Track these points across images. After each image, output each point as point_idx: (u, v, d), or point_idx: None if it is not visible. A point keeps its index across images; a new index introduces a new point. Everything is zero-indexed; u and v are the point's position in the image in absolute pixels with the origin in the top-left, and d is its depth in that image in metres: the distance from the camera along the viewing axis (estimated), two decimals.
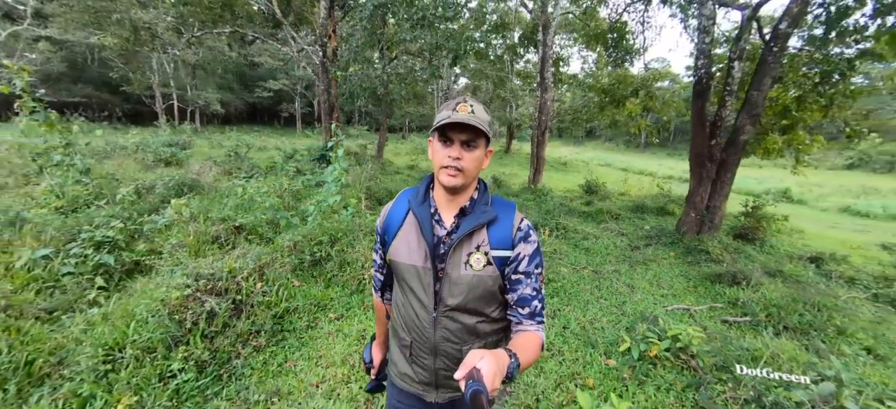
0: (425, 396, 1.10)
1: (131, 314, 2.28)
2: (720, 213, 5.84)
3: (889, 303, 4.30)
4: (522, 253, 0.97)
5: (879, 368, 2.76)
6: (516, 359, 0.79)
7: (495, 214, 0.97)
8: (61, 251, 2.95)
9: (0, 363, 1.91)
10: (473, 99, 0.93)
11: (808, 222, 11.39)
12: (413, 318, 1.04)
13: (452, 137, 0.90)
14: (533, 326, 0.96)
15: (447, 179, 0.91)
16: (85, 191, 3.84)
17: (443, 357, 1.04)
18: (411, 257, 1.00)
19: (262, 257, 3.02)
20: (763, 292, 3.97)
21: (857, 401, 1.94)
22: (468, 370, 0.68)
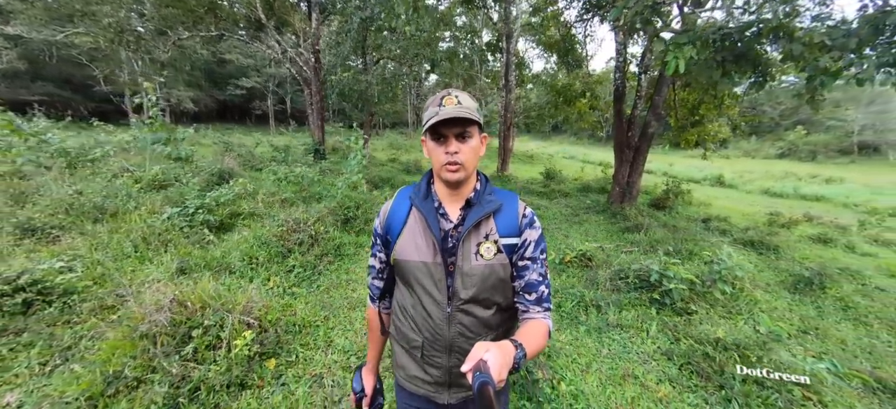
0: (437, 397, 1.09)
1: (254, 239, 3.84)
2: (636, 187, 7.93)
3: (738, 242, 6.46)
4: (528, 239, 0.99)
5: (698, 264, 4.74)
6: (522, 349, 0.80)
7: (501, 203, 0.99)
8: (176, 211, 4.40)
9: (197, 263, 3.44)
10: (457, 90, 0.96)
11: (729, 200, 14.00)
12: (425, 317, 1.03)
13: (445, 133, 0.92)
14: (540, 313, 0.98)
15: (449, 174, 0.93)
16: (162, 175, 5.18)
17: (457, 354, 1.03)
18: (420, 253, 1.00)
19: (315, 215, 4.60)
20: (651, 235, 5.98)
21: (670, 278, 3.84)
22: (475, 362, 0.69)
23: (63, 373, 2.19)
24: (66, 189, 4.35)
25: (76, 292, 2.81)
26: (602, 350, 2.95)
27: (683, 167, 24.39)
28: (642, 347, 3.02)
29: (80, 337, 2.48)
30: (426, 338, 1.04)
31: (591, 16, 8.92)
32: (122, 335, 2.24)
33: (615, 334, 3.18)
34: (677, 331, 3.19)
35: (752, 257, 6.01)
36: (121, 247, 3.54)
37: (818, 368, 2.51)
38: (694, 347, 2.92)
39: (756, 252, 6.26)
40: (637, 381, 2.60)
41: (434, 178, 1.04)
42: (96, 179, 5.17)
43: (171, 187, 5.15)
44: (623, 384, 2.57)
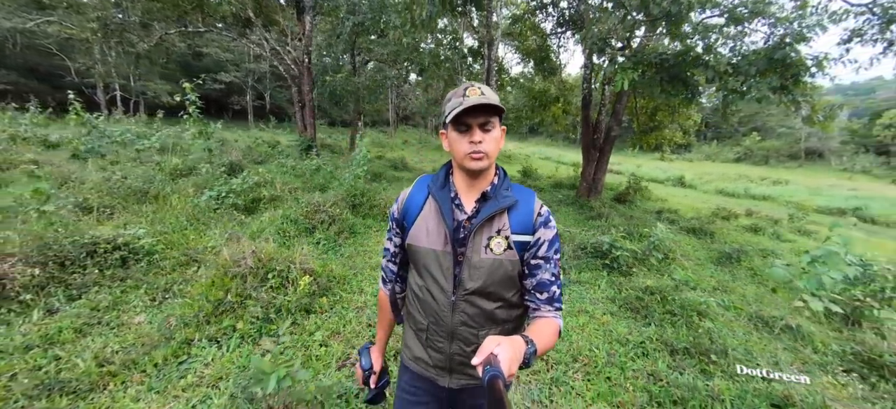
0: (438, 380, 1.15)
1: (283, 217, 4.66)
2: (601, 183, 9.15)
3: (683, 229, 7.75)
4: (542, 238, 1.00)
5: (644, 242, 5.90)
6: (533, 345, 0.82)
7: (516, 199, 1.01)
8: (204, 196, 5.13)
9: (242, 234, 4.23)
10: (479, 83, 1.02)
11: (686, 198, 15.61)
12: (430, 302, 1.08)
13: (470, 123, 0.94)
14: (551, 312, 0.99)
15: (473, 163, 0.95)
16: (182, 164, 5.84)
17: (459, 342, 1.07)
18: (430, 240, 1.04)
19: (331, 200, 5.44)
20: (611, 221, 7.14)
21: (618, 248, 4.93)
22: (485, 356, 0.70)
23: (171, 304, 2.99)
24: (111, 175, 4.98)
25: (155, 253, 3.57)
26: (566, 292, 3.98)
27: (649, 169, 26.30)
28: (594, 294, 4.08)
29: (172, 282, 3.27)
30: (430, 322, 1.09)
31: (563, 30, 10.09)
32: (213, 277, 3.07)
33: (575, 287, 4.24)
34: (621, 285, 4.28)
35: (692, 240, 7.28)
36: (178, 221, 4.28)
37: (710, 301, 3.64)
38: (630, 293, 4.01)
39: (696, 237, 7.55)
40: (588, 314, 3.64)
41: (453, 169, 1.07)
42: (127, 166, 5.78)
43: (191, 176, 5.83)
44: (578, 316, 3.61)
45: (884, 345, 3.21)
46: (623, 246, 4.80)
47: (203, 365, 2.39)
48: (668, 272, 4.67)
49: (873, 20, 7.07)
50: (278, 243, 4.22)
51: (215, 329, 2.69)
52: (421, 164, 14.80)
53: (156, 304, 3.01)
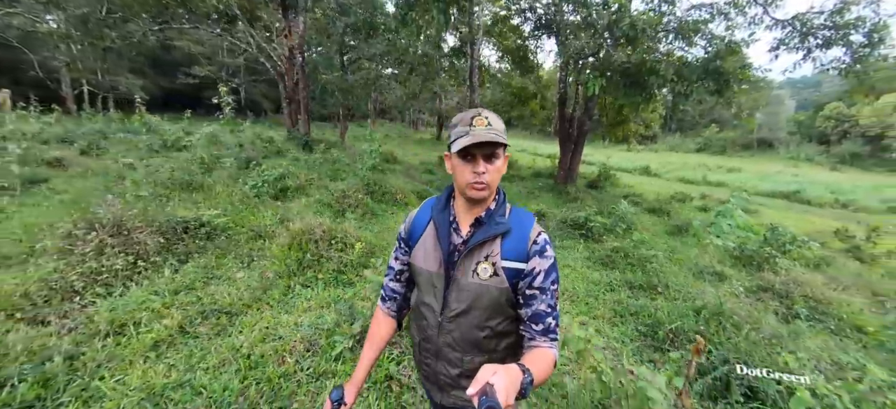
0: (433, 395, 1.22)
1: (316, 202, 5.60)
2: (576, 171, 10.51)
3: (645, 209, 9.20)
4: (538, 268, 1.00)
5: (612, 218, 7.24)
6: (530, 374, 0.80)
7: (509, 226, 1.02)
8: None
9: (289, 215, 5.16)
10: (486, 110, 0.99)
11: (651, 185, 17.40)
12: (423, 320, 1.15)
13: (475, 153, 0.96)
14: (546, 343, 0.98)
15: (475, 193, 0.98)
16: (207, 158, 6.60)
17: (444, 362, 1.12)
18: (427, 262, 1.09)
19: (352, 186, 6.39)
20: (585, 203, 8.47)
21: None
22: (481, 385, 0.68)
23: (258, 264, 3.93)
24: (159, 167, 5.72)
25: (229, 229, 4.46)
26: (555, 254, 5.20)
27: (618, 160, 28.35)
28: (575, 255, 5.31)
29: (251, 250, 4.19)
30: (422, 339, 1.17)
31: (540, 33, 11.34)
32: (289, 243, 4.03)
33: (560, 251, 5.45)
34: (594, 248, 5.53)
35: (652, 218, 8.76)
36: (233, 206, 5.13)
37: (658, 255, 4.94)
38: (601, 252, 5.26)
39: (656, 216, 9.03)
40: (570, 267, 4.86)
41: (455, 192, 1.09)
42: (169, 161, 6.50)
43: (217, 169, 6.61)
44: (563, 268, 4.81)
45: (775, 278, 4.61)
46: (595, 220, 6.08)
47: (306, 300, 3.38)
48: (630, 238, 5.98)
49: (794, 33, 8.70)
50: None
51: (302, 279, 3.67)
52: (407, 157, 15.74)
53: (246, 265, 3.94)
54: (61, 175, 6.46)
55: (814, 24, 8.33)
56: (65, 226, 3.50)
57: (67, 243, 3.39)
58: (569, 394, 2.45)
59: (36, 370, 2.17)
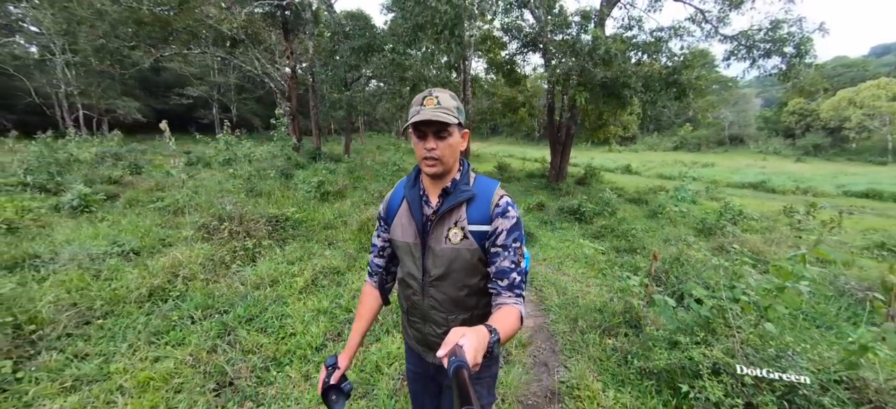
0: (425, 356, 1.35)
1: (360, 200, 6.92)
2: (565, 170, 12.09)
3: (626, 200, 10.80)
4: (500, 227, 1.10)
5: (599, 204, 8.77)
6: (496, 333, 0.87)
7: (474, 193, 1.13)
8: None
9: (341, 212, 6.48)
10: (439, 89, 1.08)
11: (632, 181, 19.21)
12: (407, 288, 1.27)
13: (425, 130, 1.05)
14: (512, 298, 1.07)
15: (427, 168, 1.09)
16: (254, 172, 7.86)
17: (431, 324, 1.25)
18: (405, 234, 1.21)
19: (386, 188, 7.71)
20: (575, 196, 10.00)
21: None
22: (450, 347, 0.75)
23: (338, 249, 5.23)
24: (230, 178, 6.95)
25: (304, 223, 5.74)
26: (554, 235, 6.64)
27: (601, 161, 30.34)
28: (572, 233, 6.78)
29: (326, 236, 5.48)
30: (409, 306, 1.30)
31: (527, 50, 12.98)
32: (355, 229, 5.34)
33: (559, 231, 6.91)
34: (587, 228, 7.01)
35: (633, 206, 10.34)
36: (299, 206, 6.39)
37: (636, 228, 6.44)
38: (593, 229, 6.74)
39: (636, 205, 10.63)
40: (570, 240, 6.31)
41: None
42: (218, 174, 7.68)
43: (265, 180, 7.86)
44: (565, 242, 6.26)
45: (724, 240, 6.17)
46: (587, 206, 7.58)
47: None
48: (615, 218, 7.51)
49: (740, 46, 10.53)
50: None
51: None
52: (408, 165, 17.11)
53: (328, 246, 5.23)
54: (126, 191, 7.58)
55: (756, 38, 10.17)
56: (199, 220, 4.74)
57: (204, 232, 4.63)
58: (580, 304, 3.87)
59: (248, 299, 3.46)
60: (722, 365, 2.41)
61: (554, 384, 2.78)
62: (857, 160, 34.09)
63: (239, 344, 2.91)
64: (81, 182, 7.15)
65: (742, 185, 20.99)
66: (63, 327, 2.92)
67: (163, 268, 3.76)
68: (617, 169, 27.00)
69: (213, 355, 2.76)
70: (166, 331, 3.01)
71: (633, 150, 45.04)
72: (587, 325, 3.48)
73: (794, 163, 34.67)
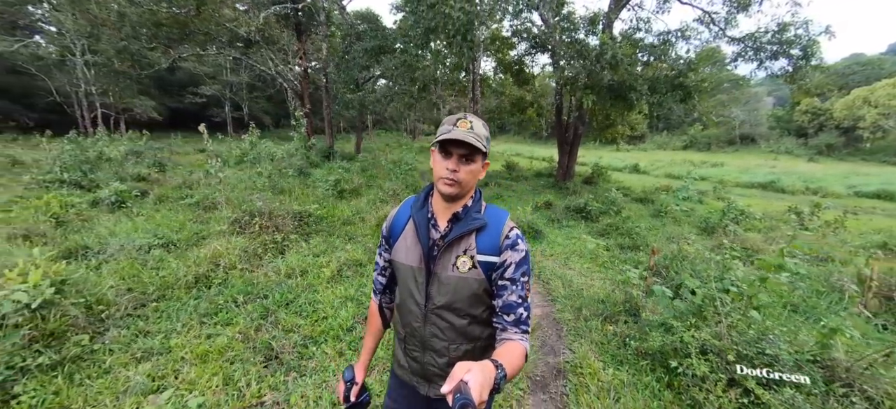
0: (419, 388, 1.29)
1: (376, 197, 7.31)
2: (572, 169, 12.36)
3: (632, 199, 11.06)
4: (509, 260, 1.09)
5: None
6: (502, 370, 0.86)
7: (485, 221, 1.12)
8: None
9: (361, 207, 6.86)
10: (473, 115, 1.09)
11: (640, 180, 19.40)
12: (407, 314, 1.23)
13: (452, 151, 1.05)
14: (517, 334, 1.05)
15: (444, 188, 1.07)
16: (273, 170, 8.27)
17: (431, 353, 1.21)
18: (408, 257, 1.17)
19: (399, 185, 8.08)
20: (582, 195, 10.29)
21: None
22: (455, 383, 0.72)
23: (358, 243, 5.60)
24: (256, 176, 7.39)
25: (325, 219, 6.13)
26: (561, 232, 6.96)
27: (609, 160, 30.40)
28: (578, 230, 7.09)
29: (346, 232, 5.87)
30: (408, 333, 1.25)
31: (536, 51, 13.24)
32: (373, 224, 5.70)
33: (566, 229, 7.22)
34: (593, 225, 7.31)
35: (638, 206, 10.60)
36: (318, 202, 6.79)
37: (640, 226, 6.73)
38: (598, 227, 7.04)
39: (642, 204, 10.88)
40: (575, 238, 6.63)
41: (433, 190, 1.18)
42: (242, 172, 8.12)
43: (284, 178, 8.27)
44: (571, 239, 6.58)
45: (725, 239, 6.43)
46: (593, 205, 7.88)
47: None
48: (620, 216, 7.80)
49: (747, 48, 10.71)
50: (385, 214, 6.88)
51: None
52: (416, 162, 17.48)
53: (348, 240, 5.61)
54: (154, 188, 8.04)
55: (762, 40, 10.35)
56: (232, 216, 5.15)
57: (237, 227, 5.04)
58: (584, 295, 4.20)
59: (282, 287, 3.85)
60: (709, 346, 2.73)
61: (559, 363, 3.13)
62: (871, 160, 33.70)
63: (280, 325, 3.29)
64: (116, 180, 7.64)
65: (751, 185, 21.00)
66: (124, 309, 3.33)
67: (205, 258, 4.16)
68: (625, 168, 27.12)
69: (259, 333, 3.15)
70: (214, 313, 3.41)
71: (642, 149, 44.96)
72: (590, 313, 3.82)
73: (806, 163, 34.35)
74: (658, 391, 2.73)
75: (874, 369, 2.61)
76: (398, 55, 12.87)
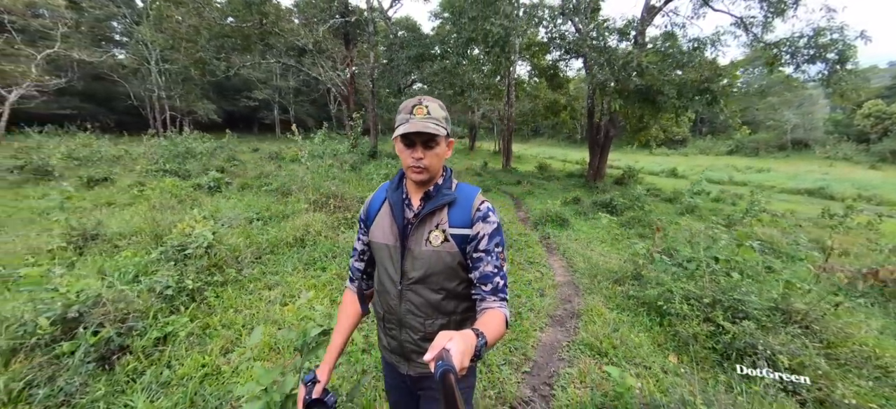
0: (399, 367, 1.33)
1: None
2: (602, 170, 13.00)
3: (662, 199, 11.58)
4: (481, 232, 1.13)
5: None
6: (483, 337, 0.88)
7: (455, 196, 1.17)
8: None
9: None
10: (428, 98, 1.09)
11: (674, 184, 19.51)
12: (384, 292, 1.26)
13: (414, 139, 1.08)
14: (496, 302, 1.08)
15: (414, 175, 1.13)
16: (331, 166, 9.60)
17: (408, 330, 1.24)
18: (385, 236, 1.22)
19: None
20: (612, 194, 10.97)
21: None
22: (437, 351, 0.75)
23: None
24: (318, 168, 8.76)
25: None
26: (586, 222, 7.79)
27: (647, 163, 30.26)
28: (602, 222, 7.88)
29: None
30: (385, 311, 1.28)
31: (569, 57, 14.00)
32: None
33: (591, 220, 8.03)
34: (616, 217, 8.08)
35: (667, 204, 11.15)
36: (373, 189, 8.00)
37: (661, 219, 7.44)
38: (622, 220, 7.80)
39: (669, 203, 11.41)
40: (599, 226, 7.44)
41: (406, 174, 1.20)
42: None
43: (341, 172, 9.57)
44: (596, 228, 7.40)
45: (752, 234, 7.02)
46: (618, 200, 8.63)
47: None
48: (642, 210, 8.49)
49: (785, 52, 11.00)
50: None
51: None
52: (453, 162, 18.57)
53: None
54: (235, 177, 9.58)
55: (799, 45, 10.64)
56: (312, 197, 6.43)
57: (315, 206, 6.30)
58: (600, 267, 5.08)
59: None
60: (691, 294, 3.58)
61: (575, 309, 4.06)
62: None
63: None
64: (206, 170, 9.24)
65: (798, 191, 20.50)
66: (249, 257, 4.59)
67: (300, 226, 5.41)
68: (662, 172, 26.95)
69: None
70: (312, 263, 4.61)
71: (683, 153, 43.79)
72: (603, 278, 4.70)
73: (866, 170, 32.44)
74: (649, 326, 3.61)
75: (828, 317, 3.37)
76: (438, 62, 14.04)
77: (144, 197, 6.73)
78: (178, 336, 2.89)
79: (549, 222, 7.54)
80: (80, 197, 7.11)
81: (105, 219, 5.55)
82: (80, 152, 11.05)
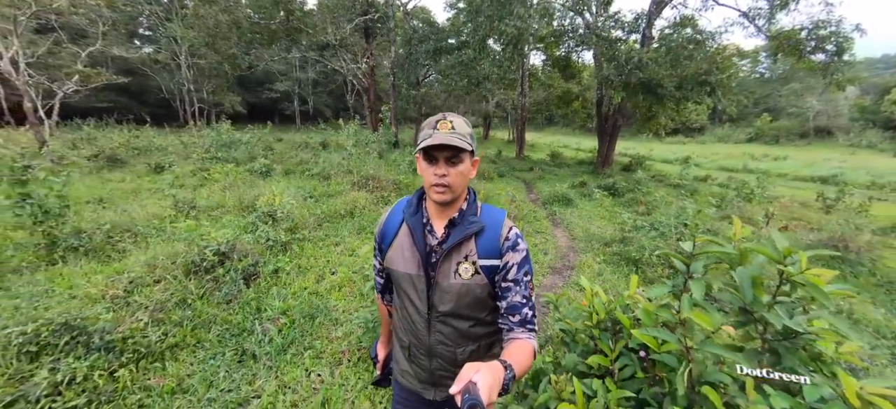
0: (424, 393, 1.30)
1: None
2: (611, 158, 13.97)
3: (667, 185, 12.52)
4: (510, 262, 1.10)
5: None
6: (511, 370, 0.87)
7: (483, 225, 1.11)
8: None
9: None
10: (453, 114, 1.06)
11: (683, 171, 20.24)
12: (409, 322, 1.22)
13: (437, 156, 1.03)
14: (524, 334, 1.06)
15: (436, 195, 1.05)
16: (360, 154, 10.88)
17: (438, 359, 1.22)
18: (406, 265, 1.16)
19: None
20: (615, 179, 11.97)
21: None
22: (464, 384, 0.73)
23: None
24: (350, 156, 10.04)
25: (411, 185, 8.53)
26: (590, 202, 8.89)
27: (660, 152, 30.73)
28: (605, 203, 8.96)
29: None
30: (412, 341, 1.25)
31: (581, 48, 14.90)
32: None
33: (594, 201, 9.11)
34: (617, 200, 9.14)
35: (671, 190, 12.10)
36: (403, 174, 9.24)
37: (657, 198, 8.48)
38: (623, 200, 8.87)
39: (675, 189, 12.36)
40: (600, 205, 8.52)
41: (425, 194, 1.16)
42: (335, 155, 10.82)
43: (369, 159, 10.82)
44: (598, 207, 8.49)
45: (728, 210, 8.03)
46: (620, 183, 9.68)
47: None
48: (642, 192, 9.52)
49: (786, 43, 11.74)
50: None
51: None
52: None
53: None
54: (276, 164, 10.92)
55: (800, 37, 11.38)
56: (355, 179, 7.70)
57: (357, 187, 7.57)
58: (596, 236, 6.22)
59: None
60: (659, 248, 4.70)
61: (571, 263, 5.23)
62: None
63: None
64: (251, 157, 10.61)
65: (811, 178, 20.95)
66: (310, 225, 5.87)
67: (349, 201, 6.68)
68: (675, 160, 27.49)
69: None
70: (362, 229, 5.87)
71: (699, 141, 43.82)
72: (596, 242, 5.85)
73: (891, 158, 32.15)
74: (626, 274, 4.76)
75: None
76: (455, 55, 15.10)
77: (213, 180, 8.10)
78: (285, 269, 4.18)
79: (556, 201, 8.67)
80: (151, 181, 8.54)
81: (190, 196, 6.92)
82: (136, 143, 12.57)
